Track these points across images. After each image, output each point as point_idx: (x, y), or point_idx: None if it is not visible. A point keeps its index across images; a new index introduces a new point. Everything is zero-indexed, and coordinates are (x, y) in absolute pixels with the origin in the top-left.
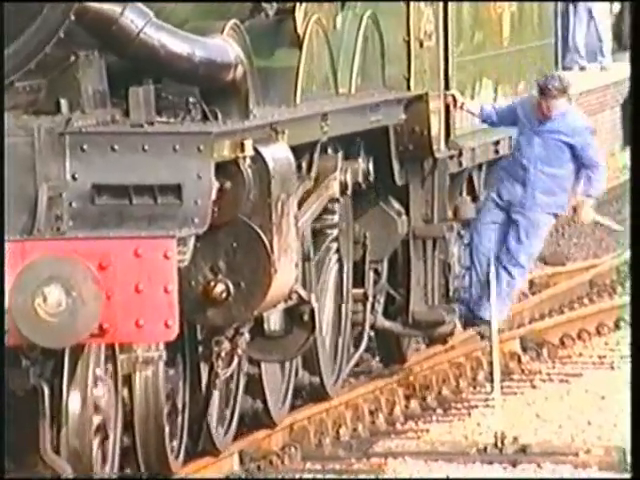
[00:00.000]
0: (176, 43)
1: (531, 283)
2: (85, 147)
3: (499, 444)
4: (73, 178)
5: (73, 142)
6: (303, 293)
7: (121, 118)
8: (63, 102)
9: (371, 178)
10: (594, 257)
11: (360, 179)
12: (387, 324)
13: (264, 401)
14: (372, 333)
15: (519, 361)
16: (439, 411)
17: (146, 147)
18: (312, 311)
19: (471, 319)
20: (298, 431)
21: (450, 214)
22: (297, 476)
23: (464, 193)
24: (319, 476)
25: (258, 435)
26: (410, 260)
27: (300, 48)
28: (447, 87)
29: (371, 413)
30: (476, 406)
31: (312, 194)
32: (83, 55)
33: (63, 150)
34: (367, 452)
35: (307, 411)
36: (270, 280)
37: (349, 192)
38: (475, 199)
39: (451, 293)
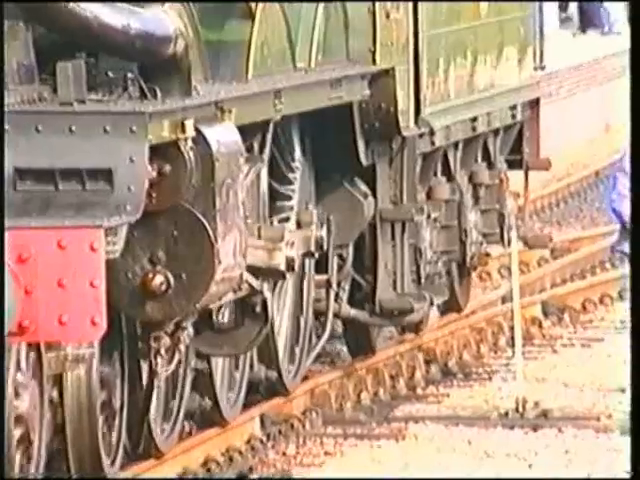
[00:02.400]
0: (110, 14)
1: (552, 248)
2: (6, 127)
3: (520, 409)
4: None
5: None
6: (254, 283)
7: (50, 95)
8: None
9: (325, 246)
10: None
11: (312, 248)
12: (353, 312)
13: (214, 399)
14: (339, 322)
15: (540, 326)
16: (460, 376)
17: (74, 128)
18: (264, 302)
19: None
20: (319, 395)
21: (423, 196)
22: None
23: (439, 173)
24: (340, 440)
25: (279, 400)
26: (377, 244)
27: (252, 20)
28: (417, 61)
29: (392, 378)
30: (497, 371)
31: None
32: (6, 26)
33: None
34: (388, 417)
35: (328, 375)
36: (213, 271)
37: (295, 267)
38: (451, 179)
39: (422, 280)
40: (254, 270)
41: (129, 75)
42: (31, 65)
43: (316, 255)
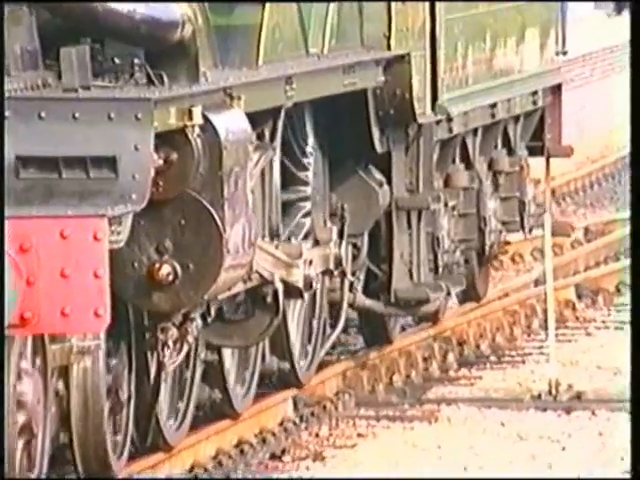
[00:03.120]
0: None
1: (586, 230)
2: (8, 114)
3: (553, 391)
4: None
5: None
6: (265, 273)
7: (54, 82)
8: None
9: (344, 264)
10: None
11: (331, 266)
12: (368, 302)
13: (225, 391)
14: (355, 313)
15: (574, 309)
16: (493, 359)
17: (77, 115)
18: (276, 292)
19: None
20: (352, 377)
21: (440, 183)
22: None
23: (457, 160)
24: (373, 422)
25: (313, 380)
26: (393, 233)
27: (263, 4)
28: (434, 47)
29: (424, 360)
30: (530, 354)
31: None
32: (8, 10)
33: None
34: (420, 399)
35: (360, 358)
36: (222, 261)
37: (314, 287)
38: (469, 166)
39: (440, 269)
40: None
41: (136, 61)
42: (35, 50)
43: (335, 274)
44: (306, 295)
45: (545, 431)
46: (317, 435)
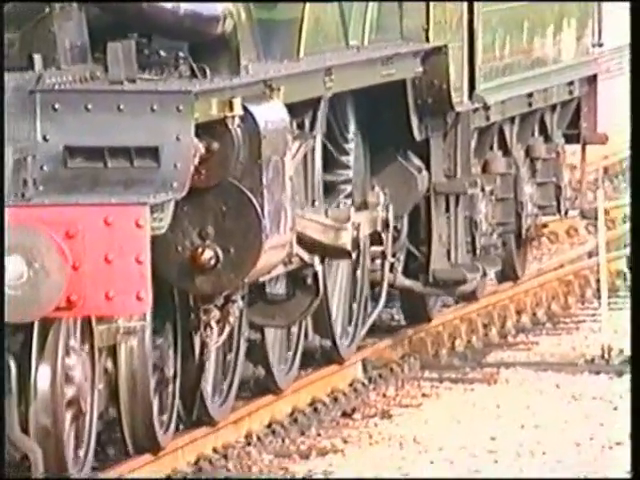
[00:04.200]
0: None
1: None
2: (57, 106)
3: (606, 355)
4: (44, 139)
5: (44, 100)
6: (305, 256)
7: (102, 74)
8: (37, 57)
9: (391, 227)
10: None
11: (379, 228)
12: (407, 282)
13: (267, 368)
14: (396, 292)
15: (625, 279)
16: (548, 325)
17: (122, 107)
18: (315, 275)
19: None
20: (416, 342)
21: (478, 169)
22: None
23: (495, 147)
24: (436, 383)
25: (380, 344)
26: (431, 217)
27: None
28: (471, 39)
29: (484, 326)
30: (584, 321)
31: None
32: (59, 7)
33: (34, 109)
34: (480, 362)
35: (424, 325)
36: (261, 246)
37: (362, 242)
38: (507, 153)
39: (478, 251)
40: (320, 249)
41: (180, 55)
42: (84, 45)
43: (383, 236)
44: (353, 255)
45: (598, 392)
46: (384, 395)
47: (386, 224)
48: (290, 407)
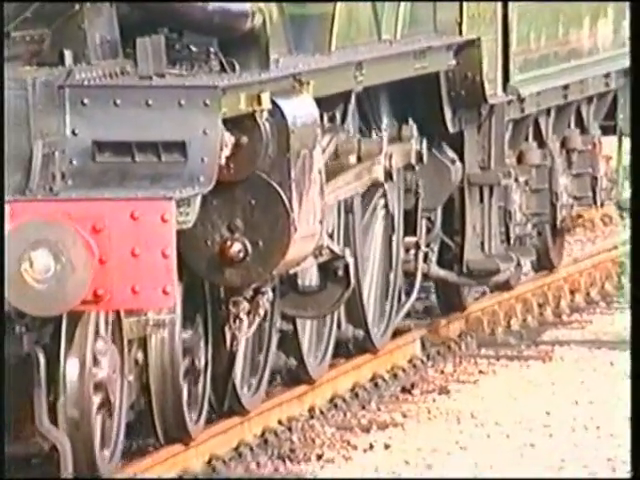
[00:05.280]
0: None
1: None
2: (86, 101)
3: None
4: (73, 134)
5: (73, 95)
6: (336, 248)
7: (132, 69)
8: (67, 53)
9: (424, 159)
10: None
11: (413, 161)
12: (442, 273)
13: (300, 358)
14: (431, 282)
15: None
16: (602, 305)
17: (150, 102)
18: (346, 266)
19: None
20: (473, 321)
21: (513, 160)
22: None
23: (530, 138)
24: (493, 361)
25: (438, 323)
26: (465, 208)
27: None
28: (506, 31)
29: (539, 306)
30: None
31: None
32: (89, 3)
33: (63, 104)
34: (536, 340)
35: (481, 304)
36: (289, 239)
37: (394, 177)
38: (542, 144)
39: (512, 241)
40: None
41: (210, 49)
42: (115, 40)
43: (416, 168)
44: (386, 186)
45: None
46: (442, 372)
47: (419, 157)
48: (352, 383)
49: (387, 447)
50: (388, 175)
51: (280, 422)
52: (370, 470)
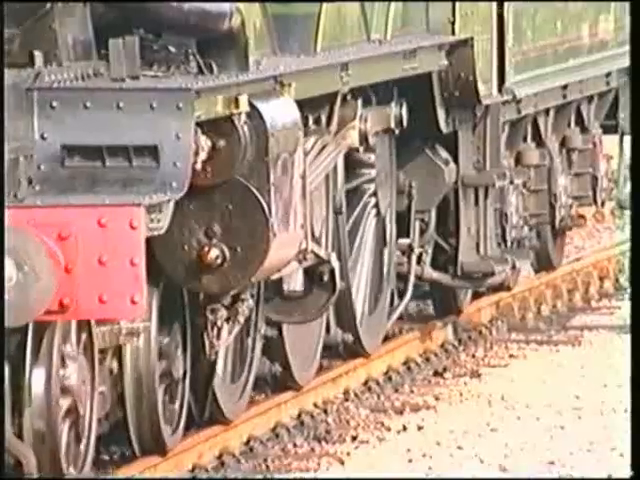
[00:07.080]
0: None
1: None
2: (55, 104)
3: None
4: (42, 138)
5: (42, 98)
6: (321, 253)
7: (106, 71)
8: (37, 54)
9: (404, 123)
10: None
11: (392, 125)
12: (435, 275)
13: (285, 364)
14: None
15: None
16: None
17: (121, 105)
18: (332, 271)
19: None
20: (504, 307)
21: (511, 161)
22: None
23: (529, 139)
24: (523, 345)
25: (470, 308)
26: (460, 209)
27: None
28: (501, 32)
29: (569, 292)
30: None
31: (328, 145)
32: (60, 3)
33: (31, 107)
34: (565, 325)
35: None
36: (268, 245)
37: (370, 141)
38: (541, 144)
39: (508, 243)
40: None
41: (190, 51)
42: (88, 41)
43: (396, 132)
44: (361, 150)
45: None
46: (474, 356)
47: (399, 121)
48: (385, 366)
49: (420, 429)
50: (364, 139)
51: (315, 405)
52: (402, 451)
